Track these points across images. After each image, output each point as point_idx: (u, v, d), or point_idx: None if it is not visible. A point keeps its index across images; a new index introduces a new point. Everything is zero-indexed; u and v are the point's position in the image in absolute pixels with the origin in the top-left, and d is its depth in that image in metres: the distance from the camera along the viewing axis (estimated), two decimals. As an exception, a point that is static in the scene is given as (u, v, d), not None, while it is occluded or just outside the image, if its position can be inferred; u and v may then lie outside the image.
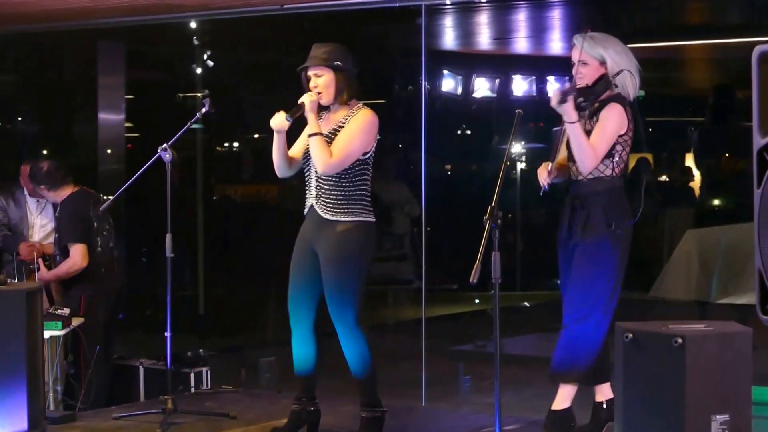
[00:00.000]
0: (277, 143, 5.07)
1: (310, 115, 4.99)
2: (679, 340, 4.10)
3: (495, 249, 4.34)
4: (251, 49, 9.60)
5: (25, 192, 6.90)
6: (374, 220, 5.09)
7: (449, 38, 9.13)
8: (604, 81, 4.90)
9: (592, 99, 4.91)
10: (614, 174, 4.93)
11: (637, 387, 4.24)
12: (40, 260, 6.48)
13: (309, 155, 5.04)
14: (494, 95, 9.83)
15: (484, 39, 9.15)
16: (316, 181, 5.03)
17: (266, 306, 9.19)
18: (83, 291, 6.45)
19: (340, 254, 4.97)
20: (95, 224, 6.50)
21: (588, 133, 4.88)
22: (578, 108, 4.88)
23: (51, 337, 5.88)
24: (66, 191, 6.55)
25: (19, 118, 10.27)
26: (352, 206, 5.00)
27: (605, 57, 4.91)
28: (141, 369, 6.77)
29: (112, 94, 8.94)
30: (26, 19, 7.52)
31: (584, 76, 4.93)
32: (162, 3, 6.96)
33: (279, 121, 5.00)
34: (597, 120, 4.90)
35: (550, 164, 4.97)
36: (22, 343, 4.99)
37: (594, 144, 4.85)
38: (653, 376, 4.18)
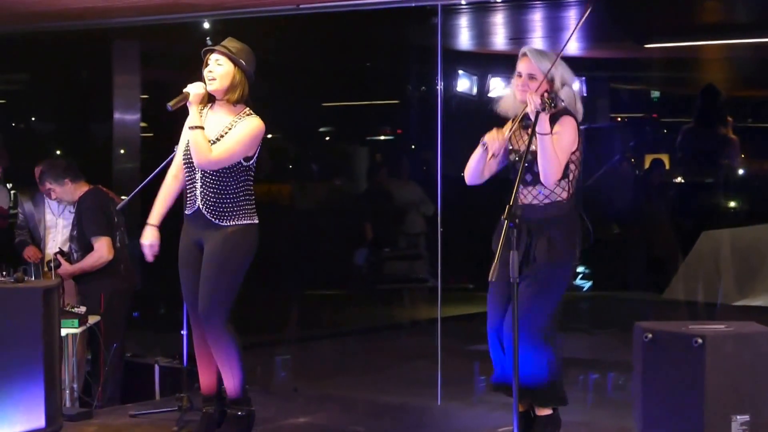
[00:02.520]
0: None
1: (193, 107, 4.96)
2: (700, 341, 4.09)
3: (513, 248, 4.31)
4: (266, 50, 9.57)
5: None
6: (258, 222, 5.09)
7: (465, 38, 9.12)
8: (558, 98, 4.67)
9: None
10: (569, 196, 4.78)
11: (657, 387, 4.23)
12: (58, 255, 6.48)
13: (190, 152, 4.96)
14: (510, 95, 9.77)
15: (500, 39, 9.13)
16: (202, 186, 4.98)
17: (281, 304, 9.18)
18: (103, 288, 6.45)
19: (223, 252, 4.95)
20: (115, 219, 6.54)
21: (534, 151, 4.68)
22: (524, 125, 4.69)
23: (67, 334, 5.88)
24: (83, 187, 6.64)
25: (33, 118, 10.28)
26: (239, 210, 4.99)
27: (554, 74, 4.75)
28: (156, 367, 6.78)
29: (127, 94, 8.94)
30: (41, 18, 7.53)
31: (530, 91, 4.71)
32: (177, 3, 6.96)
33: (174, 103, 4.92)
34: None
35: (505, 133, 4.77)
36: (40, 341, 5.01)
37: (558, 157, 4.67)
38: (673, 376, 4.18)
